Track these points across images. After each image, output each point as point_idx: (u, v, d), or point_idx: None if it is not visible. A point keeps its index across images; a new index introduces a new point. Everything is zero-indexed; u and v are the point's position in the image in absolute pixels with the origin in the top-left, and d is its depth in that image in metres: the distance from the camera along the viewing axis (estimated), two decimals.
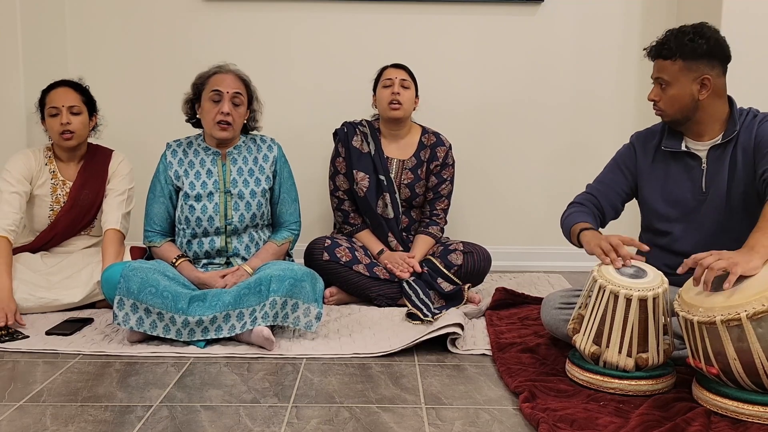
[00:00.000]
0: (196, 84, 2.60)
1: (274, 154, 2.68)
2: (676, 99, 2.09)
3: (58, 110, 2.66)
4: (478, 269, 2.87)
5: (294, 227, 2.73)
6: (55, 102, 2.68)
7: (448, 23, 3.39)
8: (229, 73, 2.57)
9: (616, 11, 3.39)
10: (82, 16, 3.36)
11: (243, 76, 2.61)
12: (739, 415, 1.70)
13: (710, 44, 2.03)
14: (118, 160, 2.83)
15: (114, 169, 2.80)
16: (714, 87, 2.06)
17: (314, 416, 1.78)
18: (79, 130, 2.70)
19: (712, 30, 2.07)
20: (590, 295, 1.95)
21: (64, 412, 1.79)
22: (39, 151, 2.77)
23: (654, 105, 2.15)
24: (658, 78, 2.11)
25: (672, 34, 2.08)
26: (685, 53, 2.04)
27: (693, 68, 2.05)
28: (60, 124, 2.66)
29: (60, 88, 2.72)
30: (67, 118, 2.66)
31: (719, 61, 2.07)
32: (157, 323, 2.27)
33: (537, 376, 1.98)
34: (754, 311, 1.64)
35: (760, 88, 2.95)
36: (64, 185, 2.75)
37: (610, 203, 2.28)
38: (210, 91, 2.53)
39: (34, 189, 2.71)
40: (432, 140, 3.01)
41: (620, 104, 3.44)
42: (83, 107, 2.72)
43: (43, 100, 2.72)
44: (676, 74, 2.07)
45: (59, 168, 2.77)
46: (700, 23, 2.09)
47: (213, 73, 2.57)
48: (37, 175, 2.72)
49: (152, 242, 2.62)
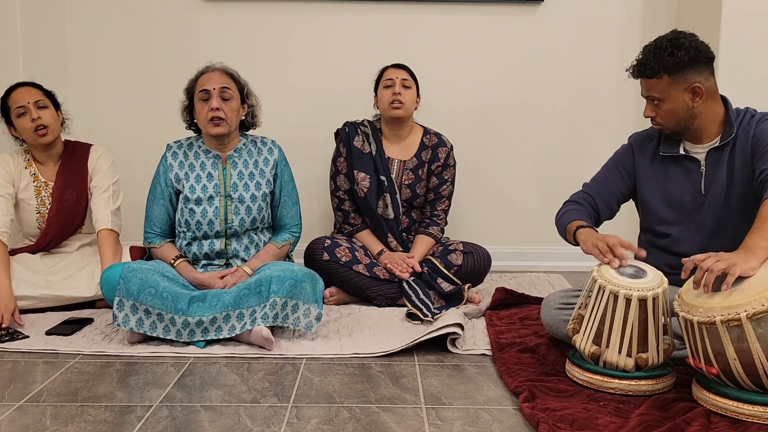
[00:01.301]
0: (188, 89, 2.60)
1: (275, 157, 2.68)
2: (672, 113, 2.08)
3: (26, 108, 2.61)
4: (478, 269, 2.87)
5: (295, 230, 2.72)
6: (19, 101, 2.62)
7: (447, 23, 3.39)
8: (214, 71, 2.57)
9: (616, 11, 3.39)
10: (82, 16, 3.36)
11: (229, 70, 2.60)
12: (739, 415, 1.70)
13: (691, 54, 2.01)
14: (97, 154, 2.78)
15: (93, 164, 2.76)
16: (706, 91, 2.05)
17: (314, 416, 1.78)
18: (51, 124, 2.66)
19: (688, 37, 2.04)
20: (590, 295, 1.95)
21: (64, 412, 1.79)
22: (17, 155, 2.73)
23: (652, 120, 2.14)
24: (649, 96, 2.10)
25: (650, 51, 2.06)
26: (669, 68, 2.02)
27: (680, 80, 2.03)
28: (31, 120, 2.61)
29: (20, 88, 2.67)
30: (36, 113, 2.61)
31: (704, 65, 2.05)
32: (157, 324, 2.27)
33: (537, 376, 1.98)
34: (753, 311, 1.64)
35: (760, 88, 2.95)
36: (47, 186, 2.72)
37: (605, 203, 2.28)
38: (199, 92, 2.53)
39: (18, 193, 2.69)
40: (433, 141, 3.01)
41: (620, 104, 3.44)
42: (48, 101, 2.68)
43: (5, 105, 2.66)
44: (666, 90, 2.05)
45: (39, 170, 2.73)
46: (675, 33, 2.06)
47: (199, 75, 2.57)
48: (18, 179, 2.69)
49: (152, 243, 2.62)
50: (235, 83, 2.58)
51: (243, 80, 2.62)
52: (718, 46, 2.96)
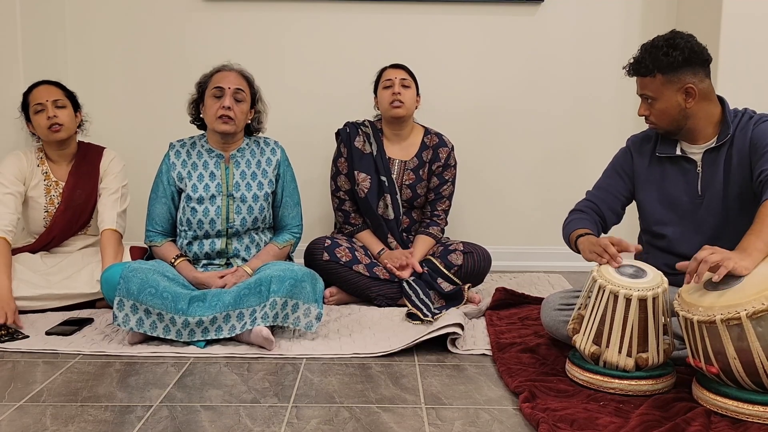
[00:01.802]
0: (200, 83, 2.62)
1: (278, 157, 2.68)
2: (664, 112, 2.08)
3: (43, 105, 2.66)
4: (478, 269, 2.87)
5: (296, 231, 2.72)
6: (38, 98, 2.67)
7: (447, 23, 3.39)
8: (231, 70, 2.59)
9: (616, 11, 3.39)
10: (82, 16, 3.36)
11: (246, 73, 2.62)
12: (739, 414, 1.70)
13: (685, 54, 2.01)
14: (110, 157, 2.81)
15: (105, 167, 2.79)
16: (700, 92, 2.05)
17: (314, 416, 1.78)
18: (67, 122, 2.69)
19: (685, 37, 2.05)
20: (590, 295, 1.95)
21: (64, 412, 1.79)
22: (30, 152, 2.76)
23: (646, 119, 2.15)
24: (643, 94, 2.11)
25: (646, 50, 2.07)
26: (663, 68, 2.03)
27: (674, 80, 2.04)
28: (47, 118, 2.65)
29: (41, 86, 2.72)
30: (53, 111, 2.65)
31: (700, 66, 2.05)
32: (157, 324, 2.27)
33: (537, 376, 1.98)
34: (753, 310, 1.64)
35: (760, 89, 2.95)
36: (57, 186, 2.74)
37: (610, 208, 2.28)
38: (212, 88, 2.54)
39: (28, 191, 2.71)
40: (434, 141, 3.01)
41: (620, 105, 3.44)
42: (67, 101, 2.72)
43: (26, 101, 2.71)
44: (659, 89, 2.06)
45: (51, 169, 2.76)
46: (672, 33, 2.07)
47: (216, 71, 2.59)
48: (29, 177, 2.71)
49: (153, 242, 2.62)
50: (249, 87, 2.60)
51: (256, 86, 2.65)
52: (718, 47, 2.96)
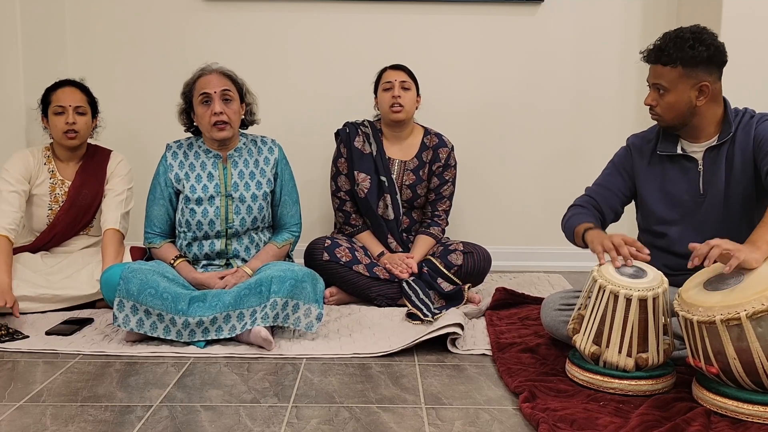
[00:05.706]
0: (185, 93, 2.59)
1: (275, 156, 2.68)
2: (673, 105, 2.06)
3: (65, 109, 2.68)
4: (478, 269, 2.87)
5: (295, 229, 2.72)
6: (61, 101, 2.69)
7: (447, 23, 3.39)
8: (212, 73, 2.55)
9: (616, 11, 3.39)
10: (82, 16, 3.36)
11: (227, 72, 2.58)
12: (739, 414, 1.70)
13: (710, 51, 2.00)
14: (117, 160, 2.83)
15: (112, 169, 2.81)
16: (712, 92, 2.05)
17: (314, 416, 1.78)
18: (83, 130, 2.72)
19: (711, 35, 2.04)
20: (590, 295, 1.95)
21: (64, 412, 1.79)
22: (38, 151, 2.78)
23: (651, 110, 2.13)
24: (656, 84, 2.08)
25: (671, 39, 2.03)
26: (685, 60, 2.01)
27: (692, 75, 2.02)
28: (66, 123, 2.67)
29: (67, 87, 2.74)
30: (73, 117, 2.68)
31: (717, 67, 2.05)
32: (158, 324, 2.27)
33: (537, 376, 1.98)
34: (753, 310, 1.64)
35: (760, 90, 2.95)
36: (62, 185, 2.76)
37: (609, 206, 2.28)
38: (198, 95, 2.52)
39: (33, 188, 2.72)
40: (434, 141, 3.01)
41: (620, 104, 3.44)
42: (88, 108, 2.75)
43: (48, 97, 2.73)
44: (675, 81, 2.04)
45: (58, 168, 2.77)
46: (698, 28, 2.05)
47: (197, 78, 2.55)
48: (35, 175, 2.73)
49: (152, 243, 2.62)
50: (234, 84, 2.57)
51: (240, 79, 2.62)
52: None
